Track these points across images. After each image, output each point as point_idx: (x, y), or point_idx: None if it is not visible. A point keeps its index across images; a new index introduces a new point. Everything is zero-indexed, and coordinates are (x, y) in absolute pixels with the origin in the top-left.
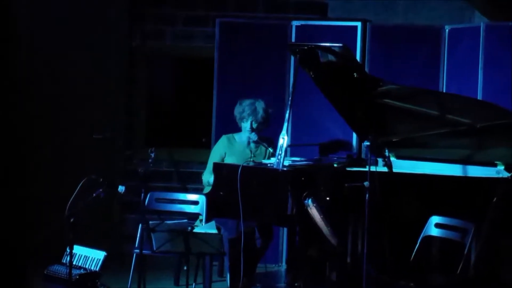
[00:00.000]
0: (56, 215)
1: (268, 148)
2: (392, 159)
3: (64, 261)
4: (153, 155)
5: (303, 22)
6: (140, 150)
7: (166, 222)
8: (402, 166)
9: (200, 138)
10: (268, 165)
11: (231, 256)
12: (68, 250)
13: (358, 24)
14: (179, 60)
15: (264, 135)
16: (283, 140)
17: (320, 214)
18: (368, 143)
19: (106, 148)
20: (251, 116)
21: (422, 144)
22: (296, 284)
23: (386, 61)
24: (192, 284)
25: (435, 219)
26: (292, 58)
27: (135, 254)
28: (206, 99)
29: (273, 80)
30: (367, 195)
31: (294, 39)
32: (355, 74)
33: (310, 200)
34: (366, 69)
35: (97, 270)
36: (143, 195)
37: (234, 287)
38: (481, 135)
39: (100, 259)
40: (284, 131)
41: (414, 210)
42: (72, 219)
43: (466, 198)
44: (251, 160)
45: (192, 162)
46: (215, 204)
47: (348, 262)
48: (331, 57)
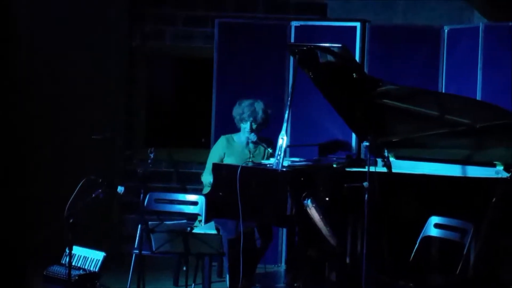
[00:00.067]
0: (55, 216)
1: (267, 149)
2: (391, 159)
3: (63, 261)
4: (152, 155)
5: (302, 23)
6: (140, 151)
7: (165, 222)
8: (401, 167)
9: (200, 138)
10: (268, 165)
11: (230, 256)
12: (67, 250)
13: (357, 24)
14: (179, 60)
15: (263, 135)
16: (282, 140)
17: (319, 215)
18: (367, 143)
19: (105, 148)
20: (251, 117)
21: (421, 145)
22: (295, 284)
23: (385, 61)
24: (191, 285)
25: (434, 219)
26: (292, 59)
27: (134, 255)
28: (205, 99)
29: (272, 81)
30: (366, 196)
31: (293, 40)
32: (354, 74)
33: (309, 200)
34: (366, 69)
35: (96, 270)
36: (142, 195)
37: (234, 287)
38: (480, 135)
39: (99, 260)
40: (283, 132)
41: (413, 210)
42: (71, 220)
43: (465, 198)
44: (250, 160)
45: (192, 162)
46: (214, 204)
47: (348, 263)
48: (330, 57)
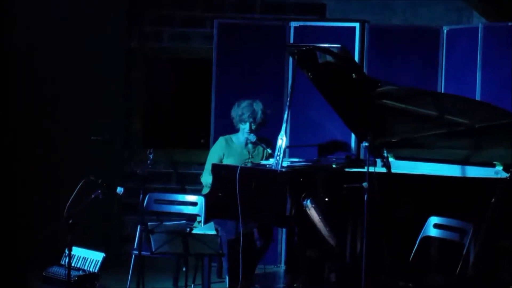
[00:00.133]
0: (55, 216)
1: (266, 149)
2: (391, 159)
3: (62, 262)
4: (151, 156)
5: (301, 23)
6: (139, 151)
7: (164, 223)
8: (400, 167)
9: (199, 139)
10: (267, 166)
11: (230, 257)
12: (66, 251)
13: (357, 25)
14: (178, 61)
15: (262, 135)
16: (282, 141)
17: (319, 215)
18: (366, 143)
19: (104, 149)
20: (250, 117)
21: (420, 145)
22: (295, 285)
23: (384, 61)
24: (191, 285)
25: (433, 219)
26: (291, 59)
27: (133, 255)
28: (204, 100)
29: (271, 81)
30: (365, 196)
31: (292, 40)
32: (353, 75)
33: (308, 201)
34: (365, 69)
35: (95, 271)
36: (141, 196)
37: None
38: (479, 135)
39: (98, 261)
40: (282, 132)
41: (412, 211)
42: (70, 221)
43: (465, 198)
44: (249, 161)
45: (191, 163)
46: (213, 205)
47: (347, 263)
48: (329, 58)
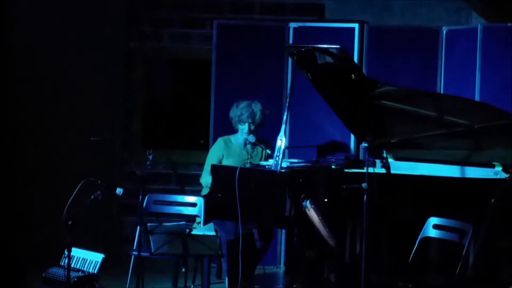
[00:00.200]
0: (54, 217)
1: (265, 150)
2: (390, 160)
3: (62, 263)
4: (151, 157)
5: (300, 24)
6: (138, 152)
7: (164, 224)
8: (400, 167)
9: (198, 139)
10: (266, 166)
11: (229, 258)
12: (66, 252)
13: (356, 25)
14: (177, 62)
15: (261, 135)
16: (281, 141)
17: (318, 216)
18: (366, 144)
19: (104, 150)
20: (249, 118)
21: (420, 145)
22: (294, 285)
23: (383, 62)
24: (190, 286)
25: (433, 220)
26: (290, 60)
27: (133, 256)
28: (203, 101)
29: (270, 82)
30: (365, 197)
31: (291, 41)
32: (352, 75)
33: (308, 201)
34: (364, 70)
35: (95, 272)
36: (141, 197)
37: None
38: (478, 136)
39: (98, 262)
40: (282, 133)
41: (412, 211)
42: (70, 221)
43: (464, 199)
44: (248, 161)
45: (190, 163)
46: (213, 206)
47: (347, 263)
48: (328, 58)
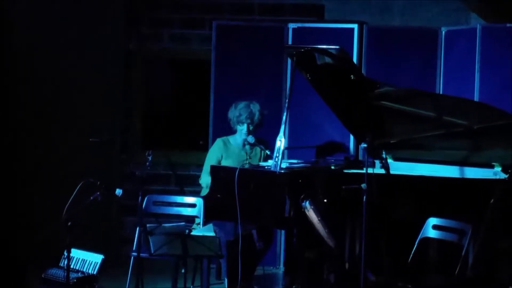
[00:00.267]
0: (54, 218)
1: (264, 150)
2: (389, 161)
3: (61, 264)
4: (150, 158)
5: (299, 25)
6: (137, 153)
7: (163, 225)
8: (399, 168)
9: (198, 140)
10: (266, 167)
11: (228, 259)
12: (65, 253)
13: (355, 26)
14: (176, 63)
15: (260, 136)
16: (280, 142)
17: (317, 216)
18: (365, 145)
19: (103, 151)
20: (248, 119)
21: (419, 146)
22: (294, 286)
23: (383, 63)
24: (190, 287)
25: (432, 220)
26: (289, 61)
27: (132, 257)
28: (203, 101)
29: (270, 82)
30: (364, 197)
31: (290, 42)
32: (352, 76)
33: (307, 202)
34: (363, 71)
35: (94, 273)
36: (140, 198)
37: None
38: (478, 136)
39: (97, 263)
40: (281, 134)
41: (411, 212)
42: (69, 222)
43: (464, 199)
44: (247, 162)
45: (190, 164)
46: (212, 206)
47: (346, 264)
48: (328, 59)
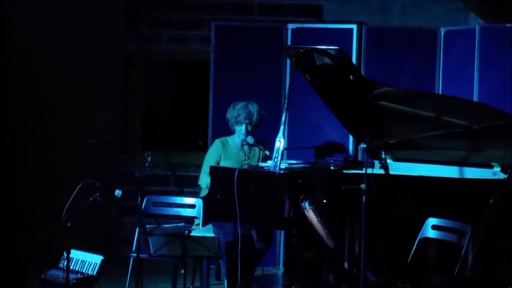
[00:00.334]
0: (53, 219)
1: (264, 151)
2: (389, 161)
3: (61, 265)
4: (149, 158)
5: (298, 25)
6: (137, 154)
7: (163, 225)
8: (398, 168)
9: (197, 141)
10: (265, 168)
11: (228, 259)
12: (65, 254)
13: (354, 26)
14: (175, 63)
15: (259, 136)
16: (280, 143)
17: (317, 217)
18: (364, 145)
19: (103, 151)
20: (247, 119)
21: (418, 146)
22: (293, 286)
23: (382, 63)
24: None
25: (432, 220)
26: (288, 61)
27: (132, 258)
28: (202, 102)
29: (269, 83)
30: (364, 198)
31: (290, 42)
32: (351, 76)
33: (307, 202)
34: (362, 71)
35: (94, 274)
36: (140, 198)
37: None
38: (477, 136)
39: (97, 263)
40: (280, 134)
41: (411, 212)
42: (69, 223)
43: (463, 199)
44: (246, 163)
45: (189, 165)
46: (212, 207)
47: (345, 265)
48: (327, 59)
